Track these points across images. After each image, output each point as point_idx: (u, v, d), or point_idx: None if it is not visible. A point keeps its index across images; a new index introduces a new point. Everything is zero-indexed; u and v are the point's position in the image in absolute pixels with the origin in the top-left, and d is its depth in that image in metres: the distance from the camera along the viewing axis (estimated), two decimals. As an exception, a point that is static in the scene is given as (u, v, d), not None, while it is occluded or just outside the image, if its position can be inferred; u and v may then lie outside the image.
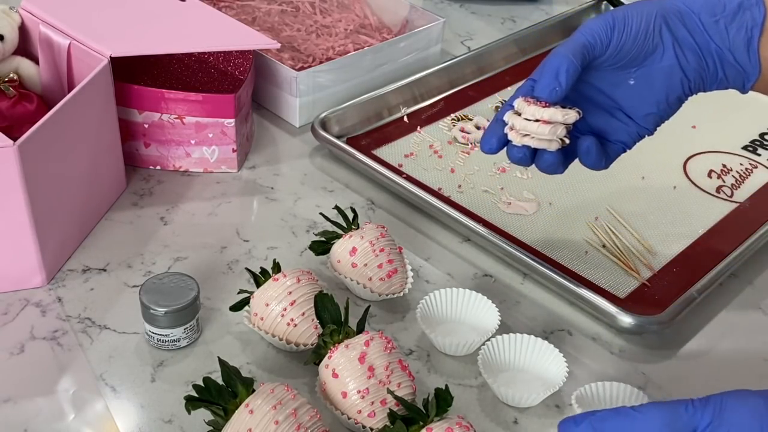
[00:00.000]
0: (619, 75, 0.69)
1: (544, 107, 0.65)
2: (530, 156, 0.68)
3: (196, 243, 0.81)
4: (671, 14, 0.67)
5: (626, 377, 0.70)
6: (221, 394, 0.59)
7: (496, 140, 0.68)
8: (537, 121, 0.65)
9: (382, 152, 0.94)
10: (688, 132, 1.00)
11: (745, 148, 0.98)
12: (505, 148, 0.69)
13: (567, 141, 0.66)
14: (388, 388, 0.61)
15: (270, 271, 0.70)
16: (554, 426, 0.66)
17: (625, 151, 0.72)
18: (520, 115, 0.66)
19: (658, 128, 0.71)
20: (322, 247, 0.76)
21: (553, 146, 0.66)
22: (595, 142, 0.69)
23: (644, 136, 0.71)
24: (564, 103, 0.66)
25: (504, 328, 0.72)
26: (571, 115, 0.65)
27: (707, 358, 0.73)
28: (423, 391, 0.65)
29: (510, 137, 0.67)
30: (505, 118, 0.67)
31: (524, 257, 0.78)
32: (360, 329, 0.65)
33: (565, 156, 0.69)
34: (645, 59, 0.68)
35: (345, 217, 0.76)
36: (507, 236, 0.82)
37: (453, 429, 0.58)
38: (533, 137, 0.65)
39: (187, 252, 0.80)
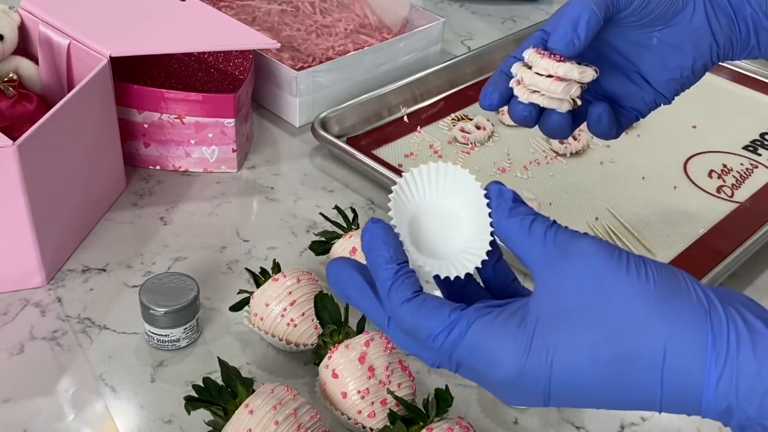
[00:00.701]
0: (641, 33, 0.62)
1: (558, 61, 0.57)
2: (536, 116, 0.60)
3: (196, 243, 0.81)
4: None
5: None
6: (221, 394, 0.59)
7: (498, 95, 0.60)
8: (549, 76, 0.57)
9: (382, 152, 0.94)
10: (689, 132, 1.00)
11: (745, 147, 0.98)
12: (507, 106, 0.61)
13: (579, 102, 0.59)
14: (388, 389, 0.61)
15: (270, 271, 0.70)
16: (554, 426, 0.66)
17: (638, 120, 0.65)
18: (530, 68, 0.58)
19: (676, 97, 0.65)
20: (322, 247, 0.76)
21: (564, 107, 0.58)
22: (607, 108, 0.62)
23: (660, 105, 0.65)
24: (579, 59, 0.59)
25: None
26: (588, 73, 0.58)
27: (708, 358, 0.73)
28: (423, 391, 0.65)
29: (516, 92, 0.59)
30: (513, 69, 0.59)
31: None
32: (360, 329, 0.65)
33: (573, 119, 0.61)
34: (672, 18, 0.61)
35: (345, 217, 0.76)
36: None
37: (453, 429, 0.58)
38: (543, 95, 0.58)
39: (186, 252, 0.80)
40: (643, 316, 0.40)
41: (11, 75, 0.86)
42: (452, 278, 0.45)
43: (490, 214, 0.45)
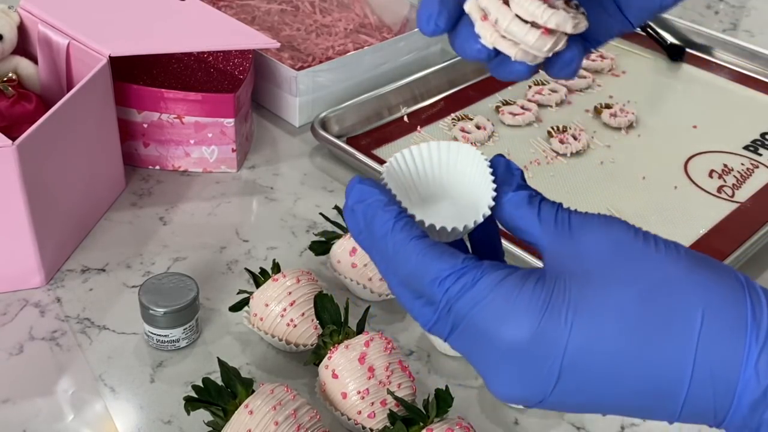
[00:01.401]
0: None
1: (550, 6, 0.40)
2: (491, 57, 0.43)
3: (196, 243, 0.81)
4: None
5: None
6: (221, 394, 0.59)
7: (445, 19, 0.42)
8: (533, 24, 0.40)
9: (382, 152, 0.94)
10: (689, 132, 1.00)
11: (746, 147, 0.98)
12: (456, 32, 0.43)
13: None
14: (388, 389, 0.61)
15: (269, 272, 0.70)
16: (555, 427, 0.65)
17: (591, 52, 0.55)
18: (507, 3, 0.40)
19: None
20: (321, 247, 0.76)
21: (538, 60, 0.42)
22: (581, 52, 0.45)
23: (623, 33, 0.51)
24: None
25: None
26: (582, 25, 0.41)
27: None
28: (423, 391, 0.65)
29: (478, 30, 0.41)
30: (482, 3, 0.41)
31: (524, 257, 0.77)
32: (360, 329, 0.65)
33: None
34: None
35: (345, 217, 0.76)
36: (507, 236, 0.81)
37: (453, 430, 0.58)
38: (519, 46, 0.41)
39: (186, 252, 0.80)
40: (677, 279, 0.36)
41: (10, 75, 0.86)
42: (449, 229, 0.41)
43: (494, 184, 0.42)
